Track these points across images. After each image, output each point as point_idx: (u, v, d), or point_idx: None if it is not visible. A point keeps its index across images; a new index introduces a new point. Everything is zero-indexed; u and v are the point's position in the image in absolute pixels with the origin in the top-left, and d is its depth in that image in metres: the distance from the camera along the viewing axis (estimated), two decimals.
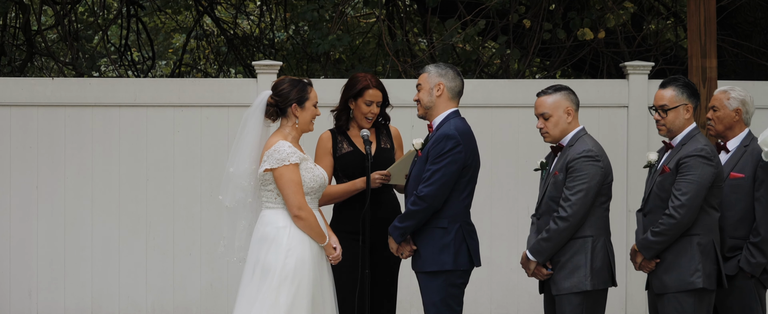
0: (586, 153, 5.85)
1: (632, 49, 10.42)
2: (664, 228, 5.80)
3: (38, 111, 8.57)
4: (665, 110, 5.95)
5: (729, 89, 6.29)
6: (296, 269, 5.87)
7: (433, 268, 6.00)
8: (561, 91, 6.01)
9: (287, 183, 5.89)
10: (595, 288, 5.87)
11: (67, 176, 8.58)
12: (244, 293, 5.91)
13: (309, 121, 6.05)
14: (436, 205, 5.97)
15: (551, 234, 5.86)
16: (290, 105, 5.99)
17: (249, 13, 13.37)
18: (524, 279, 8.61)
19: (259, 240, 5.95)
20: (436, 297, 6.00)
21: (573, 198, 5.81)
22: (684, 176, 5.79)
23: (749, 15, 10.60)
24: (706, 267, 5.82)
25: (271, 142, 5.96)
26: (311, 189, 6.00)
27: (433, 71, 6.09)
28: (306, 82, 6.06)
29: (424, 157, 6.02)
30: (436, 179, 5.93)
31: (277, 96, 6.01)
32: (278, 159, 5.89)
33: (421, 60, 10.36)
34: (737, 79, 10.07)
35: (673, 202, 5.78)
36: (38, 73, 12.73)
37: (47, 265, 8.56)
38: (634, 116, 8.78)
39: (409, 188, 6.11)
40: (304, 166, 5.97)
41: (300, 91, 6.00)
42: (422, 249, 6.04)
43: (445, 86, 6.06)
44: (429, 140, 6.06)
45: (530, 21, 10.09)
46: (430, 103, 6.07)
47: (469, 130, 6.07)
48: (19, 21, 11.50)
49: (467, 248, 6.04)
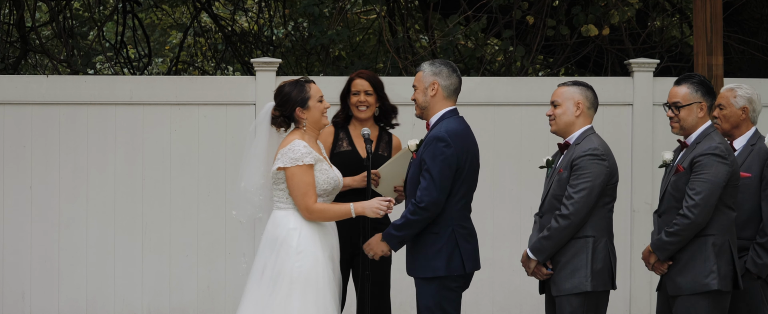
0: (592, 151, 5.84)
1: (637, 46, 10.42)
2: (678, 229, 5.76)
3: (32, 109, 8.56)
4: (678, 107, 5.91)
5: (735, 87, 6.28)
6: (308, 272, 5.81)
7: (427, 274, 5.93)
8: (579, 85, 6.02)
9: (298, 183, 5.83)
10: (595, 290, 5.85)
11: (62, 176, 8.56)
12: (252, 297, 5.83)
13: (319, 118, 5.99)
14: (436, 212, 5.90)
15: (552, 232, 5.83)
16: (294, 109, 5.93)
17: (247, 10, 13.33)
18: (527, 280, 8.58)
19: (269, 242, 5.88)
20: (431, 301, 5.94)
21: (576, 196, 5.79)
22: (698, 175, 5.75)
23: (756, 11, 10.62)
24: (722, 269, 5.78)
25: (287, 141, 5.91)
26: (324, 191, 5.93)
27: (427, 69, 6.03)
28: (303, 80, 6.00)
29: (418, 160, 5.95)
30: (431, 186, 5.84)
31: (280, 105, 5.96)
32: (292, 158, 5.83)
33: (423, 57, 10.31)
34: (744, 77, 10.07)
35: (687, 202, 5.74)
36: (32, 70, 12.67)
37: (41, 267, 8.55)
38: (638, 114, 8.75)
39: (407, 193, 6.04)
40: (319, 168, 5.90)
41: (299, 92, 5.94)
42: (415, 255, 5.98)
43: (440, 85, 6.00)
44: (423, 140, 6.01)
45: (533, 17, 10.03)
46: (425, 103, 6.02)
47: (463, 130, 6.00)
48: (13, 17, 11.46)
49: (460, 253, 5.95)
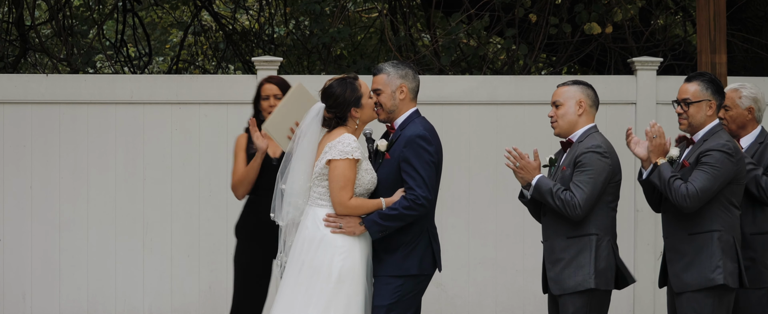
0: (595, 148, 5.85)
1: (640, 45, 10.42)
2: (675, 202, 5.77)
3: (32, 108, 8.56)
4: (687, 103, 5.91)
5: (740, 87, 6.29)
6: (348, 271, 5.76)
7: (396, 273, 5.87)
8: (580, 84, 6.02)
9: (339, 176, 5.75)
10: (598, 288, 5.84)
11: (62, 175, 8.55)
12: (289, 294, 5.75)
13: (371, 113, 5.92)
14: (429, 210, 5.88)
15: (558, 195, 5.79)
16: (349, 109, 5.85)
17: (248, 8, 13.29)
18: (530, 281, 8.56)
19: (308, 241, 5.81)
20: (387, 301, 5.85)
21: (582, 187, 5.79)
22: (702, 166, 5.77)
23: (759, 9, 10.64)
24: (728, 265, 5.80)
25: (336, 135, 5.82)
26: (367, 191, 5.87)
27: (392, 72, 5.96)
28: (352, 78, 5.90)
29: (395, 159, 5.88)
30: (423, 184, 5.81)
31: (333, 107, 5.85)
32: (342, 150, 5.75)
33: (425, 56, 10.27)
34: (747, 75, 10.08)
35: (687, 188, 5.73)
36: (32, 69, 12.63)
37: (41, 267, 8.54)
38: (642, 113, 8.76)
39: (381, 194, 5.92)
40: (365, 166, 5.84)
41: (352, 92, 5.84)
42: (385, 254, 5.90)
43: (408, 87, 5.97)
44: (393, 141, 5.93)
45: (536, 15, 10.00)
46: (393, 106, 5.97)
47: (433, 128, 5.99)
48: (12, 16, 11.44)
49: (432, 252, 5.94)
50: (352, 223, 5.80)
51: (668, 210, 5.92)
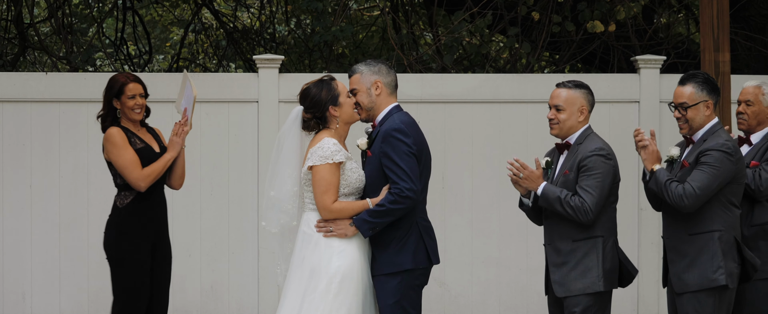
0: (598, 151, 5.87)
1: (643, 43, 10.41)
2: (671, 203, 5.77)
3: (31, 107, 8.56)
4: (685, 108, 5.92)
5: (763, 84, 6.35)
6: (347, 270, 5.77)
7: (392, 270, 5.86)
8: (581, 88, 6.02)
9: (319, 181, 5.80)
10: (606, 289, 5.88)
11: (62, 174, 8.55)
12: (295, 291, 5.77)
13: (351, 113, 5.94)
14: (416, 202, 5.85)
15: (568, 202, 5.78)
16: (327, 109, 5.88)
17: (249, 6, 13.27)
18: (534, 280, 8.53)
19: (306, 239, 5.84)
20: (391, 299, 5.85)
21: (591, 192, 5.80)
22: (702, 166, 5.77)
23: (762, 8, 10.66)
24: (728, 265, 5.81)
25: (317, 140, 5.87)
26: (357, 190, 5.90)
27: (365, 70, 5.98)
28: (327, 78, 5.95)
29: (376, 156, 5.89)
30: (405, 176, 5.79)
31: (311, 107, 5.89)
32: (321, 156, 5.80)
33: (427, 54, 10.26)
34: (751, 73, 10.06)
35: (685, 188, 5.72)
36: (31, 67, 12.61)
37: (42, 267, 8.54)
38: (645, 111, 8.78)
39: (368, 192, 5.93)
40: (351, 166, 5.86)
41: (328, 91, 5.88)
42: (378, 252, 5.90)
43: (383, 82, 5.97)
44: (373, 138, 5.94)
45: (539, 14, 9.98)
46: (371, 103, 5.97)
47: (414, 122, 5.97)
48: (11, 13, 11.40)
49: (425, 246, 5.92)
50: (342, 226, 5.83)
51: (668, 211, 5.93)
